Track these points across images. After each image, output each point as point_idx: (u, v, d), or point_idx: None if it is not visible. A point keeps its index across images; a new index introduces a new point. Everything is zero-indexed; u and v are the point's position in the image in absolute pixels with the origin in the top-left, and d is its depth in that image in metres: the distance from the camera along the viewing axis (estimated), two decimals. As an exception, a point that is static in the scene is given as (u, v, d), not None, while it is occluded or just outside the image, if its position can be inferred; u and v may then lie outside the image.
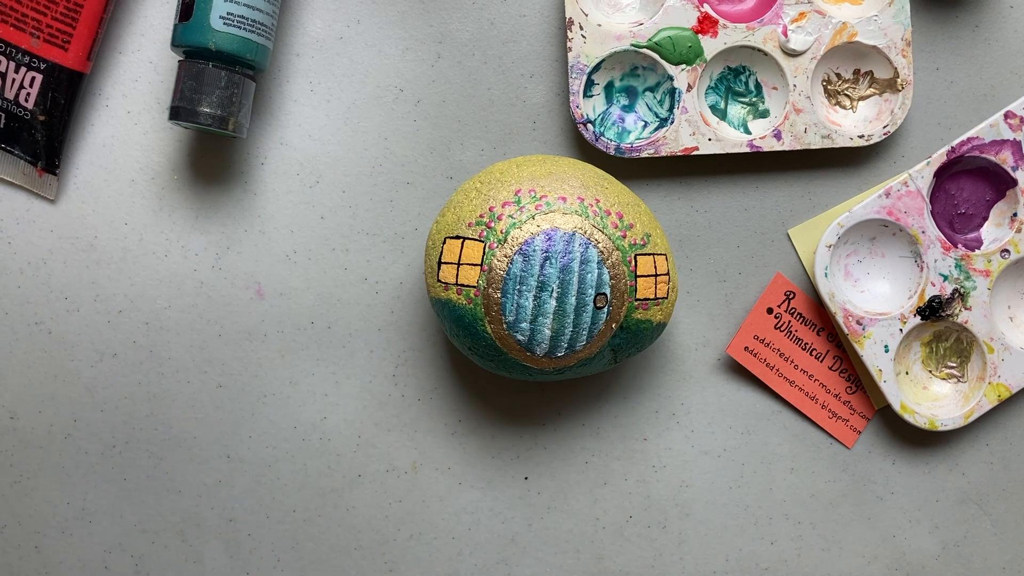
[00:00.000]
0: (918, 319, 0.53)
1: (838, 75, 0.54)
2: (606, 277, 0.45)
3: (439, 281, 0.46)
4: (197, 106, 0.50)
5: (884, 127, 0.53)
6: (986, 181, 0.54)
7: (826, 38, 0.53)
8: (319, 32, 0.55)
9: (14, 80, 0.53)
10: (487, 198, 0.46)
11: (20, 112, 0.53)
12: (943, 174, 0.54)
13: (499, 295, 0.45)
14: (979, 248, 0.54)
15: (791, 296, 0.55)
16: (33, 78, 0.53)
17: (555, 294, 0.45)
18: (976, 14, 0.55)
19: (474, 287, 0.45)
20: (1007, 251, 0.53)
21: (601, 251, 0.45)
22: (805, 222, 0.55)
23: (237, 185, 0.55)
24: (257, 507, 0.55)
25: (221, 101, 0.50)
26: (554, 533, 0.55)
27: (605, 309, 0.46)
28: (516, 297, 0.45)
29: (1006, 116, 0.53)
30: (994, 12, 0.55)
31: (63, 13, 0.52)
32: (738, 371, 0.55)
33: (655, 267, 0.47)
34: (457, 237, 0.46)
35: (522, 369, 0.47)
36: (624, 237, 0.46)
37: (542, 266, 0.45)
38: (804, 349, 0.55)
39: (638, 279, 0.46)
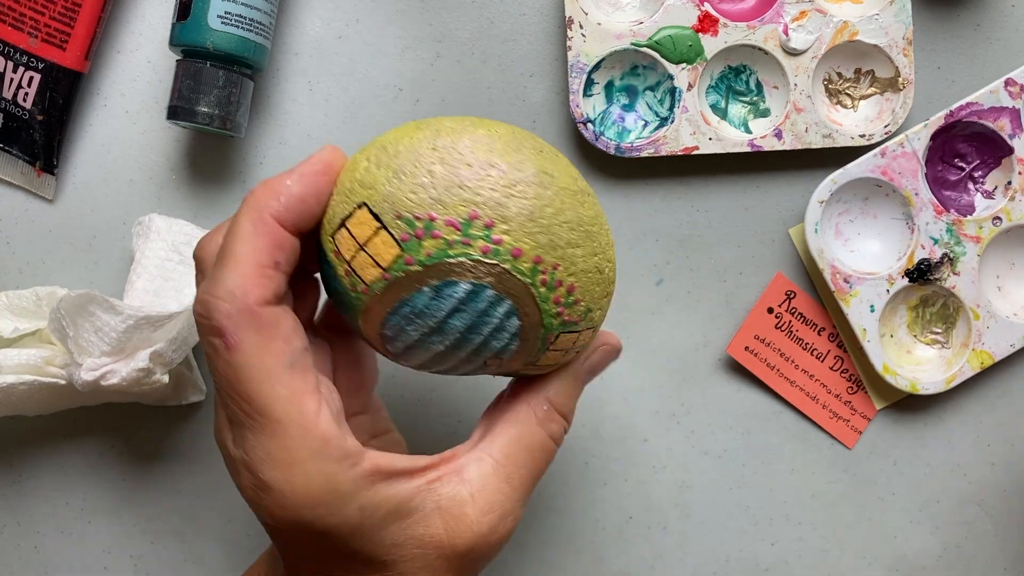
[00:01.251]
0: (906, 281, 0.53)
1: (839, 74, 0.54)
2: (513, 348, 0.37)
3: (331, 240, 0.37)
4: (195, 105, 0.50)
5: (885, 126, 0.53)
6: (982, 148, 0.54)
7: (827, 37, 0.52)
8: (318, 31, 0.54)
9: (12, 80, 0.53)
10: (438, 198, 0.35)
11: (18, 112, 0.53)
12: (939, 137, 0.53)
13: (386, 313, 0.36)
14: (971, 214, 0.54)
15: (792, 296, 0.55)
16: (31, 78, 0.52)
17: (447, 343, 0.36)
18: (977, 13, 0.55)
19: (364, 284, 0.36)
20: (999, 218, 0.53)
21: (523, 326, 0.36)
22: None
23: (236, 185, 0.54)
24: (256, 508, 0.55)
25: (219, 100, 0.50)
26: (554, 533, 0.55)
27: (491, 368, 0.38)
28: (404, 323, 0.36)
29: (1006, 83, 0.53)
30: (996, 11, 0.55)
31: (61, 12, 0.52)
32: (738, 371, 0.55)
33: (574, 343, 0.38)
34: (377, 219, 0.35)
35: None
36: (559, 315, 0.37)
37: (450, 315, 0.35)
38: (805, 349, 0.55)
39: (548, 351, 0.38)
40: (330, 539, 0.35)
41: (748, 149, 0.53)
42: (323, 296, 0.41)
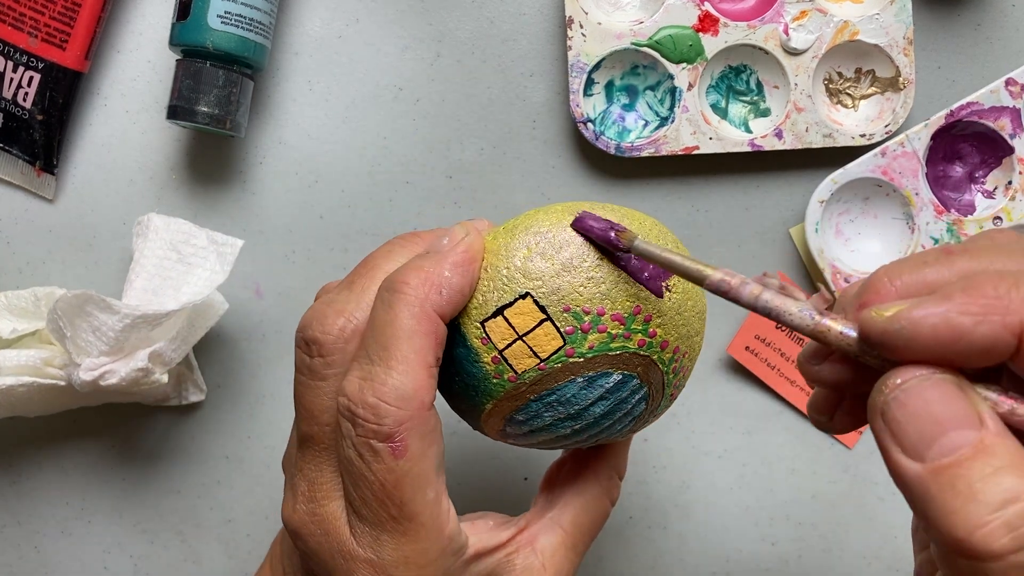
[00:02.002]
0: None
1: (839, 74, 0.54)
2: (627, 429, 0.38)
3: (478, 327, 0.35)
4: (195, 105, 0.50)
5: (886, 126, 0.53)
6: (983, 147, 0.54)
7: (827, 37, 0.52)
8: (318, 31, 0.54)
9: (12, 79, 0.53)
10: (607, 293, 0.35)
11: (18, 111, 0.53)
12: (940, 137, 0.53)
13: (527, 400, 0.36)
14: (972, 214, 0.54)
15: (792, 296, 0.55)
16: (31, 77, 0.52)
17: (577, 427, 0.36)
18: (978, 13, 0.55)
19: (514, 373, 0.35)
20: (999, 218, 0.53)
21: (646, 409, 0.37)
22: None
23: (235, 184, 0.54)
24: (256, 507, 0.55)
25: (219, 100, 0.50)
26: (554, 533, 0.55)
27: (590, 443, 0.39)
28: (543, 410, 0.36)
29: (1007, 83, 0.52)
30: (996, 11, 0.55)
31: (61, 12, 0.52)
32: (739, 371, 0.55)
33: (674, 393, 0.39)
34: (544, 311, 0.35)
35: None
36: (671, 397, 0.38)
37: (594, 403, 0.36)
38: (805, 349, 0.55)
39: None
40: None
41: (748, 149, 0.53)
42: None
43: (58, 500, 0.55)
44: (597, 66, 0.53)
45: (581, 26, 0.52)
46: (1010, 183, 0.53)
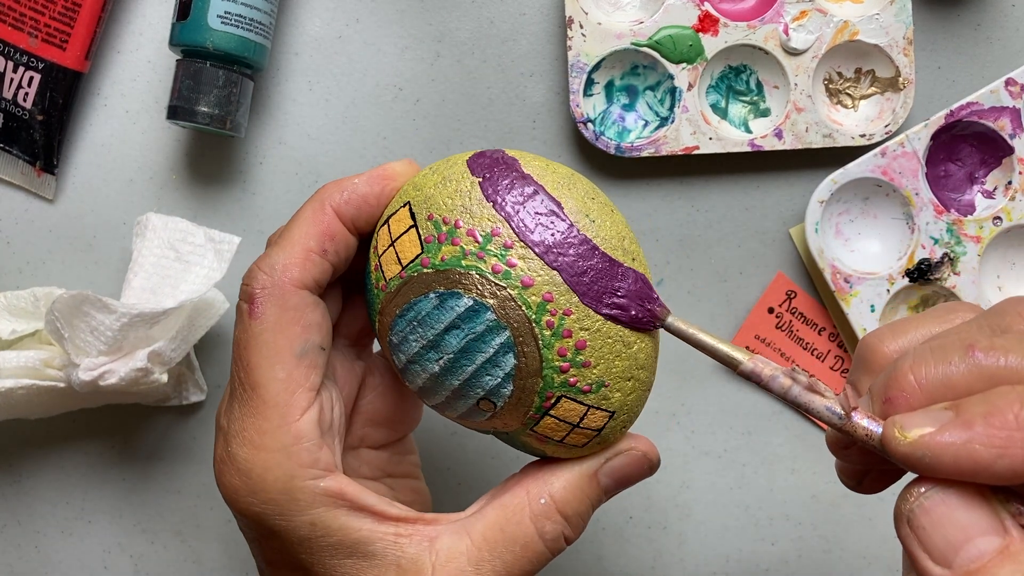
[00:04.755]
0: (906, 281, 0.53)
1: (839, 74, 0.54)
2: (506, 392, 0.34)
3: (374, 236, 0.37)
4: (195, 105, 0.50)
5: (886, 126, 0.53)
6: (983, 147, 0.54)
7: (827, 37, 0.52)
8: (318, 31, 0.54)
9: (12, 80, 0.53)
10: (468, 207, 0.35)
11: (18, 112, 0.53)
12: (940, 137, 0.53)
13: (395, 315, 0.35)
14: (972, 214, 0.54)
15: (792, 296, 0.55)
16: (31, 77, 0.52)
17: (441, 363, 0.35)
18: (978, 13, 0.55)
19: (384, 281, 0.36)
20: (999, 218, 0.53)
21: (518, 367, 0.34)
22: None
23: (236, 184, 0.54)
24: (256, 507, 0.55)
25: (219, 100, 0.50)
26: (554, 533, 0.55)
27: (486, 415, 0.36)
28: (407, 331, 0.35)
29: (1007, 83, 0.52)
30: (996, 11, 0.55)
31: (61, 12, 0.52)
32: (739, 371, 0.55)
33: (580, 419, 0.35)
34: (413, 218, 0.36)
35: None
36: (563, 372, 0.34)
37: (447, 329, 0.34)
38: (805, 349, 0.55)
39: (548, 416, 0.35)
40: (279, 541, 0.35)
41: (748, 149, 0.53)
42: None
43: (58, 500, 0.55)
44: (597, 66, 0.53)
45: (581, 26, 0.52)
46: (1010, 183, 0.53)
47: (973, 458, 0.27)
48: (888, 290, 0.53)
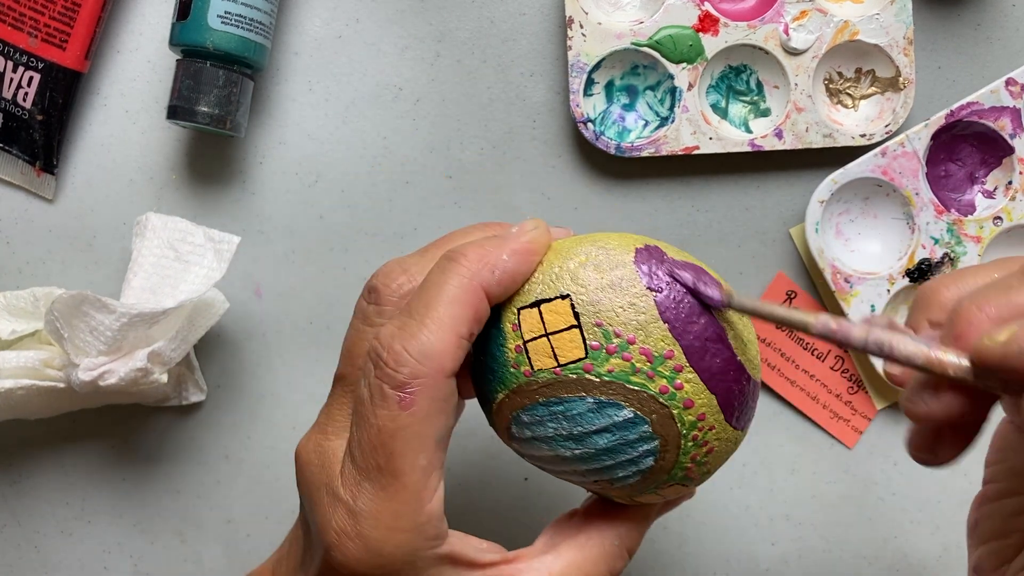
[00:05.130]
0: (907, 281, 0.53)
1: (840, 74, 0.54)
2: (631, 482, 0.37)
3: (515, 313, 0.36)
4: (195, 105, 0.50)
5: (886, 126, 0.53)
6: (983, 147, 0.54)
7: (827, 37, 0.52)
8: (318, 31, 0.54)
9: (12, 79, 0.53)
10: (643, 326, 0.35)
11: (18, 112, 0.53)
12: (940, 137, 0.53)
13: (535, 402, 0.36)
14: (972, 214, 0.54)
15: (792, 296, 0.55)
16: (31, 77, 0.52)
17: (577, 453, 0.36)
18: (978, 13, 0.55)
19: (530, 368, 0.35)
20: (1000, 218, 0.53)
21: (653, 468, 0.36)
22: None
23: (235, 185, 0.54)
24: (256, 508, 0.55)
25: (219, 100, 0.50)
26: (554, 534, 0.55)
27: (597, 488, 0.38)
28: (547, 418, 0.36)
29: (1007, 83, 0.52)
30: (996, 11, 0.55)
31: (61, 12, 0.52)
32: (739, 371, 0.55)
33: (678, 494, 0.39)
34: (576, 317, 0.35)
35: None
36: (688, 470, 0.37)
37: (598, 432, 0.35)
38: (805, 349, 0.55)
39: (653, 494, 0.38)
40: None
41: (748, 149, 0.53)
42: None
43: (58, 500, 0.55)
44: (597, 66, 0.53)
45: (581, 26, 0.52)
46: (1010, 183, 0.53)
47: None
48: (888, 290, 0.53)
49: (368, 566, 0.35)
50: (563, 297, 0.35)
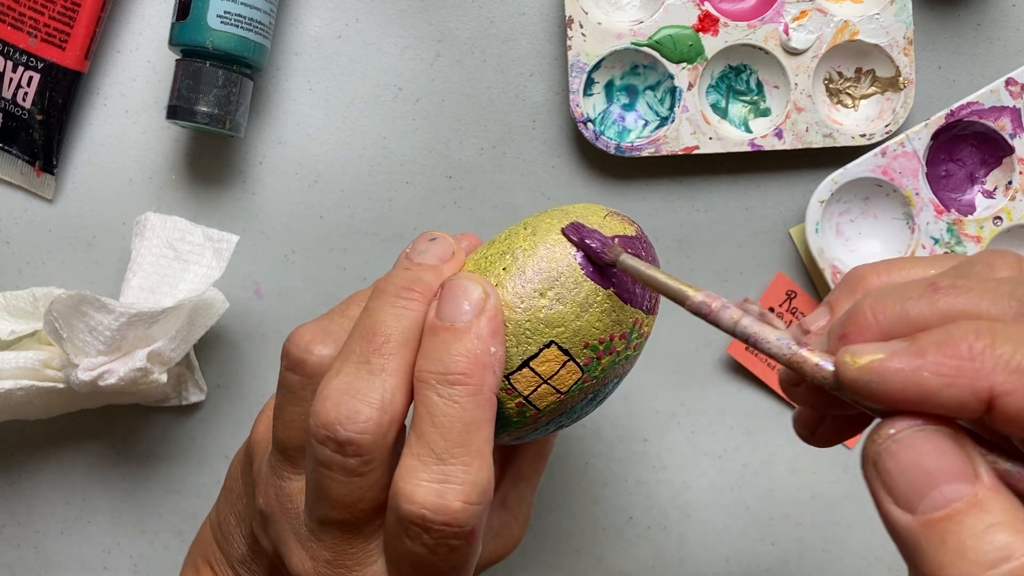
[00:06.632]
0: None
1: (840, 74, 0.54)
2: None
3: (504, 380, 0.35)
4: (195, 105, 0.50)
5: (886, 126, 0.53)
6: (983, 147, 0.54)
7: (827, 36, 0.52)
8: (317, 31, 0.54)
9: (12, 79, 0.53)
10: (616, 319, 0.36)
11: (18, 111, 0.53)
12: (940, 137, 0.53)
13: (543, 424, 0.37)
14: (972, 214, 0.54)
15: (792, 296, 0.55)
16: (31, 77, 0.52)
17: (567, 422, 0.38)
18: (978, 13, 0.55)
19: (536, 410, 0.36)
20: (1000, 218, 0.53)
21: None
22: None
23: (235, 184, 0.54)
24: (256, 508, 0.55)
25: (219, 100, 0.50)
26: (554, 534, 0.55)
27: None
28: (551, 426, 0.38)
29: (1007, 83, 0.52)
30: (996, 11, 0.55)
31: (61, 12, 0.52)
32: (739, 371, 0.55)
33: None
34: (567, 354, 0.35)
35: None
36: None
37: (588, 401, 0.38)
38: (805, 349, 0.55)
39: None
40: None
41: (748, 149, 0.53)
42: None
43: (58, 500, 0.55)
44: (597, 66, 0.53)
45: (581, 26, 0.52)
46: (1010, 183, 0.53)
47: (921, 385, 0.26)
48: None
49: None
50: (547, 346, 0.35)
